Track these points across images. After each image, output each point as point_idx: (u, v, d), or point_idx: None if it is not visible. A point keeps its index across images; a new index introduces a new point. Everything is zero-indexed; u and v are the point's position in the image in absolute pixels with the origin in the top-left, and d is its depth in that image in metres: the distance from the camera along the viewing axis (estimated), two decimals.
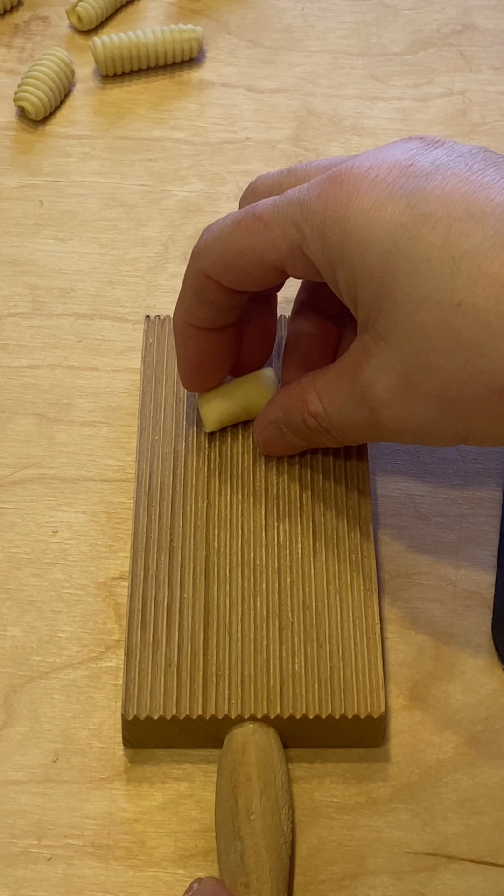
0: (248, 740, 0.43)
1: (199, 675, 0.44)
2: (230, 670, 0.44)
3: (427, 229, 0.39)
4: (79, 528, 0.50)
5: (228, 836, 0.41)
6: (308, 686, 0.44)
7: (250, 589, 0.46)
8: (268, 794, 0.42)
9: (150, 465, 0.49)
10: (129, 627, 0.45)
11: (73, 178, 0.62)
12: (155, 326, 0.53)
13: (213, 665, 0.44)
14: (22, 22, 0.69)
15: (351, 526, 0.47)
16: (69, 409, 0.54)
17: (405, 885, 0.42)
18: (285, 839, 0.41)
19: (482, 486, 0.51)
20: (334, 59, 0.68)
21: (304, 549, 0.47)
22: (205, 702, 0.43)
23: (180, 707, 0.43)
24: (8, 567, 0.49)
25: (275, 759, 0.43)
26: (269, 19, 0.70)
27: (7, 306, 0.57)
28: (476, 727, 0.45)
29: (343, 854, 0.43)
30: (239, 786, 0.42)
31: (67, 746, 0.45)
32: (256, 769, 0.42)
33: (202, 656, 0.44)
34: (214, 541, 0.47)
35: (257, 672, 0.44)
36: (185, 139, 0.64)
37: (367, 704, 0.43)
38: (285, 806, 0.42)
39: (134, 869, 0.42)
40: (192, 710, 0.43)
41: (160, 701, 0.43)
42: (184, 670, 0.44)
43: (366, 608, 0.45)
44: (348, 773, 0.44)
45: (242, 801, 0.41)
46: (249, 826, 0.41)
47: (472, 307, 0.38)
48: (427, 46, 0.69)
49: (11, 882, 0.42)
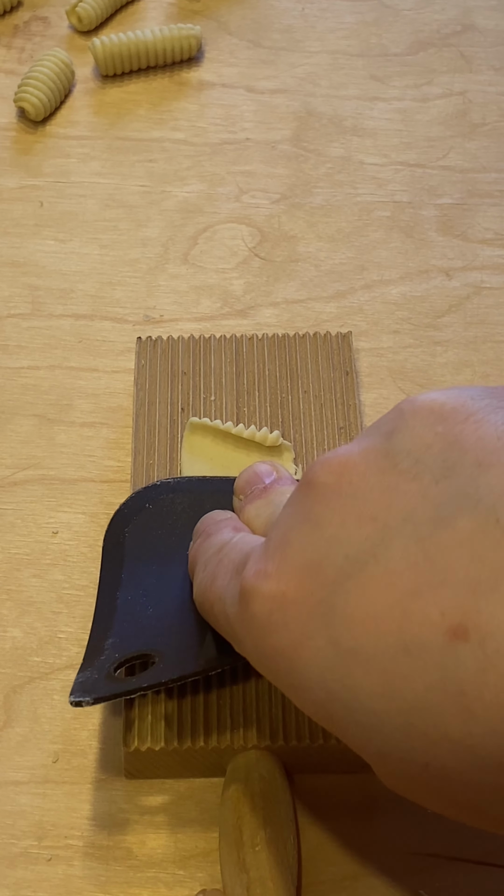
0: (252, 770, 0.42)
1: (201, 704, 0.43)
2: (231, 699, 0.43)
3: (360, 673, 0.32)
4: (79, 528, 0.50)
5: (234, 868, 0.40)
6: None
7: None
8: (273, 824, 0.41)
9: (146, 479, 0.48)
10: None
11: (72, 179, 0.62)
12: (147, 348, 0.52)
13: (213, 694, 0.43)
14: (22, 22, 0.69)
15: None
16: (69, 410, 0.54)
17: (406, 886, 0.42)
18: (291, 870, 0.41)
19: None
20: (334, 60, 0.68)
21: None
22: (206, 732, 0.43)
23: (182, 738, 0.42)
24: (8, 568, 0.49)
25: (279, 789, 0.42)
26: (269, 20, 0.70)
27: (7, 307, 0.57)
28: None
29: (344, 855, 0.43)
30: (243, 817, 0.41)
31: (67, 747, 0.45)
32: (260, 799, 0.41)
33: (203, 685, 0.44)
34: None
35: (259, 700, 0.43)
36: (184, 140, 0.64)
37: None
38: (291, 836, 0.41)
39: (134, 869, 0.42)
40: (193, 740, 0.42)
41: (161, 732, 0.43)
42: (184, 700, 0.43)
43: None
44: (348, 774, 0.44)
45: (247, 832, 0.41)
46: (255, 857, 0.40)
47: (443, 770, 0.31)
48: (427, 47, 0.69)
49: (11, 883, 0.42)
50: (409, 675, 0.30)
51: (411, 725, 0.31)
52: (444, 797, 0.32)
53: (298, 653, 0.33)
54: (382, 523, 0.32)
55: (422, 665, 0.30)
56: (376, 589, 0.31)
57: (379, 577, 0.31)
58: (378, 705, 0.31)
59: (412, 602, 0.30)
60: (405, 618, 0.31)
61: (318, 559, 0.33)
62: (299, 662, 0.33)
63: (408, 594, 0.31)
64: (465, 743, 0.30)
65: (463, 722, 0.30)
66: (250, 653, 0.36)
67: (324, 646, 0.32)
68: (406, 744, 0.31)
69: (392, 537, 0.32)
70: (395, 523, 0.32)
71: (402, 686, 0.31)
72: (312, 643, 0.33)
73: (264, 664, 0.35)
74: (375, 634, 0.31)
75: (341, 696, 0.32)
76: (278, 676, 0.34)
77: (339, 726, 0.33)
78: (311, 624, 0.33)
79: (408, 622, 0.30)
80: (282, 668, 0.34)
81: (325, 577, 0.33)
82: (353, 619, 0.32)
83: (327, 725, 0.34)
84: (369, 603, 0.31)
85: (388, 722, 0.31)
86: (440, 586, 0.30)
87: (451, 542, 0.30)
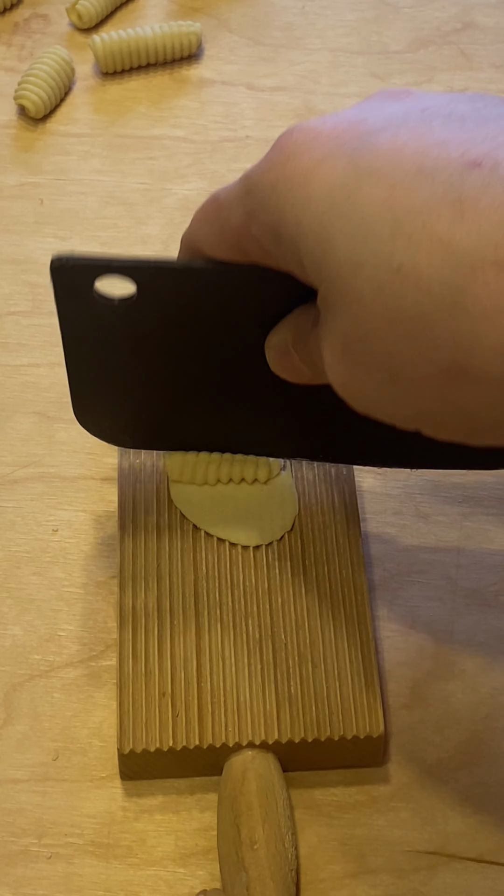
0: (248, 768, 0.42)
1: (194, 703, 0.43)
2: (225, 697, 0.43)
3: (369, 186, 0.34)
4: (79, 526, 0.50)
5: (233, 866, 0.41)
6: (305, 708, 0.43)
7: (241, 612, 0.45)
8: (270, 822, 0.41)
9: (132, 491, 0.48)
10: (119, 659, 0.44)
11: (73, 177, 0.62)
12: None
13: (207, 692, 0.43)
14: (22, 20, 0.69)
15: (340, 542, 0.47)
16: (69, 408, 0.53)
17: (405, 884, 0.42)
18: (290, 867, 0.41)
19: (482, 486, 0.51)
20: (335, 57, 0.68)
21: (294, 567, 0.46)
22: (201, 731, 0.43)
23: (177, 738, 0.42)
24: (8, 566, 0.49)
25: (275, 786, 0.42)
26: (270, 17, 0.70)
27: (7, 305, 0.57)
28: (476, 726, 0.45)
29: (343, 853, 0.43)
30: (241, 815, 0.41)
31: (67, 745, 0.45)
32: (257, 797, 0.41)
33: (196, 684, 0.44)
34: (202, 564, 0.46)
35: (253, 697, 0.43)
36: (185, 137, 0.64)
37: (366, 724, 0.43)
38: (289, 833, 0.41)
39: (134, 867, 0.42)
40: (188, 740, 0.42)
41: (156, 733, 0.43)
42: (178, 700, 0.43)
43: (359, 625, 0.45)
44: (348, 771, 0.44)
45: (245, 830, 0.41)
46: (253, 856, 0.40)
47: (413, 272, 0.33)
48: (427, 44, 0.68)
49: (12, 881, 0.42)
50: (415, 189, 0.33)
51: (399, 226, 0.33)
52: (401, 348, 0.34)
53: (316, 169, 0.36)
54: (421, 103, 0.36)
55: (430, 181, 0.33)
56: (409, 136, 0.35)
57: (413, 128, 0.35)
58: (374, 211, 0.34)
59: (438, 146, 0.34)
60: (427, 151, 0.34)
61: (362, 118, 0.36)
62: (314, 178, 0.36)
63: (436, 142, 0.34)
64: (445, 242, 0.32)
65: (451, 223, 0.32)
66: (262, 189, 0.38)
67: (344, 164, 0.35)
68: (388, 247, 0.33)
69: (431, 117, 0.35)
70: (434, 105, 0.36)
71: (404, 196, 0.33)
72: (333, 161, 0.35)
73: (272, 201, 0.37)
74: (396, 159, 0.34)
75: (342, 208, 0.35)
76: (285, 206, 0.37)
77: (328, 241, 0.35)
78: (337, 150, 0.36)
79: (429, 154, 0.34)
80: (294, 188, 0.36)
81: (363, 127, 0.36)
82: (377, 147, 0.35)
83: (317, 248, 0.36)
84: (398, 141, 0.34)
85: (377, 225, 0.34)
86: (468, 140, 0.34)
87: (485, 119, 0.35)
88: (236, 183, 0.39)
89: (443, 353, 0.33)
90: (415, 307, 0.33)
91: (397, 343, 0.34)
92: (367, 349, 0.35)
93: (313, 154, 0.36)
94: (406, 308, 0.33)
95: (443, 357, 0.33)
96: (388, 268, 0.33)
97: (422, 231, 0.33)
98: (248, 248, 0.39)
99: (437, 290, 0.33)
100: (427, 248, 0.33)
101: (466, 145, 0.33)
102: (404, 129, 0.35)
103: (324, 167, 0.35)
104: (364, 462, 0.48)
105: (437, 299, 0.33)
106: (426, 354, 0.34)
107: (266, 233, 0.38)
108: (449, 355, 0.33)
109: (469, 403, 0.34)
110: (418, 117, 0.35)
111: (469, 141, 0.34)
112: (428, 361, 0.34)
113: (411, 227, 0.33)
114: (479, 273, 0.32)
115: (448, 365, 0.33)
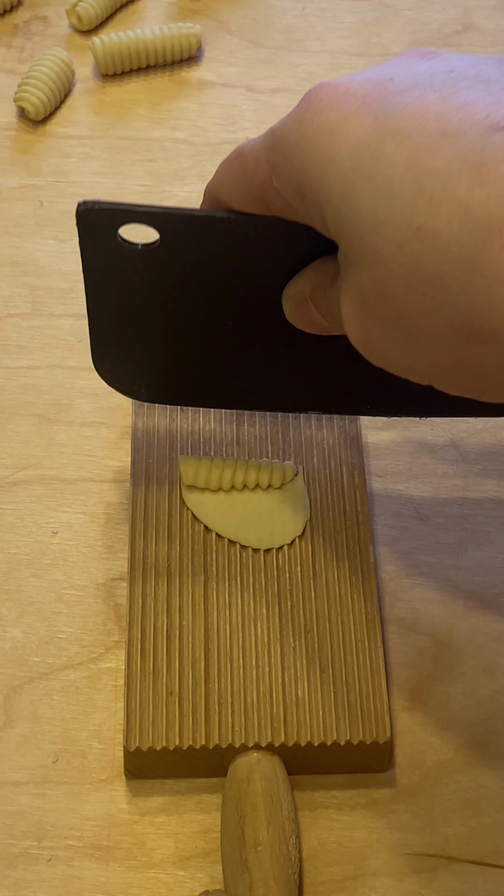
0: (253, 769, 0.42)
1: (202, 703, 0.43)
2: (232, 698, 0.43)
3: (392, 147, 0.35)
4: (78, 528, 0.50)
5: (236, 867, 0.41)
6: (312, 712, 0.43)
7: (250, 614, 0.45)
8: (274, 824, 0.41)
9: (145, 488, 0.49)
10: (128, 657, 0.44)
11: (73, 179, 0.62)
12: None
13: (214, 693, 0.43)
14: (22, 22, 0.69)
15: (350, 548, 0.47)
16: (69, 410, 0.54)
17: (405, 887, 0.42)
18: (293, 869, 0.41)
19: (482, 486, 0.51)
20: (334, 60, 0.68)
21: (304, 571, 0.46)
22: (208, 731, 0.43)
23: (183, 737, 0.42)
24: (8, 568, 0.49)
25: (280, 788, 0.42)
26: (270, 19, 0.70)
27: (7, 307, 0.57)
28: (476, 728, 0.45)
29: (343, 855, 0.43)
30: (245, 816, 0.41)
31: (67, 747, 0.45)
32: (262, 799, 0.41)
33: (203, 684, 0.44)
34: (213, 566, 0.46)
35: (260, 699, 0.43)
36: (185, 139, 0.64)
37: (373, 730, 0.43)
38: (292, 835, 0.41)
39: (134, 870, 0.42)
40: (195, 740, 0.42)
41: (162, 731, 0.43)
42: (185, 699, 0.43)
43: (368, 631, 0.45)
44: (348, 773, 0.44)
45: (249, 832, 0.41)
46: (257, 857, 0.40)
47: (432, 233, 0.34)
48: (427, 47, 0.68)
49: (11, 883, 0.42)
50: (438, 151, 0.34)
51: (420, 188, 0.34)
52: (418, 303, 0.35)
53: (342, 127, 0.36)
54: (450, 64, 0.37)
55: (452, 144, 0.34)
56: (434, 97, 0.35)
57: (439, 90, 0.35)
58: (397, 172, 0.35)
59: (462, 108, 0.35)
60: (451, 113, 0.34)
61: (389, 76, 0.37)
62: (339, 135, 0.36)
63: (460, 105, 0.35)
64: (464, 204, 0.33)
65: (471, 186, 0.33)
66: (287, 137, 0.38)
67: (369, 123, 0.36)
68: (408, 207, 0.34)
69: (458, 79, 0.36)
70: (463, 67, 0.37)
71: (426, 158, 0.34)
72: (358, 120, 0.36)
73: (296, 156, 0.37)
74: (420, 121, 0.35)
75: (366, 167, 0.35)
76: (309, 162, 0.37)
77: (351, 199, 0.36)
78: (363, 109, 0.36)
79: (452, 117, 0.34)
80: (318, 145, 0.37)
81: (389, 86, 0.37)
82: (402, 108, 0.35)
83: (339, 206, 0.36)
84: (423, 103, 0.35)
85: (399, 185, 0.34)
86: (493, 104, 0.34)
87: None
88: (262, 136, 0.40)
89: (458, 312, 0.34)
90: (432, 267, 0.34)
91: (414, 302, 0.35)
92: (385, 306, 0.36)
93: (339, 111, 0.37)
94: (424, 268, 0.34)
95: (457, 317, 0.34)
96: (408, 228, 0.34)
97: (442, 193, 0.34)
98: (271, 200, 0.40)
99: (454, 251, 0.33)
100: (447, 209, 0.34)
101: (490, 108, 0.34)
102: (430, 90, 0.36)
103: (349, 125, 0.36)
104: (375, 412, 0.48)
105: (455, 260, 0.34)
106: (441, 314, 0.35)
107: (289, 187, 0.38)
108: (464, 315, 0.34)
109: (482, 362, 0.35)
110: (444, 78, 0.36)
111: (493, 104, 0.34)
112: (443, 320, 0.35)
113: (432, 189, 0.34)
114: (497, 236, 0.33)
115: (462, 324, 0.34)
